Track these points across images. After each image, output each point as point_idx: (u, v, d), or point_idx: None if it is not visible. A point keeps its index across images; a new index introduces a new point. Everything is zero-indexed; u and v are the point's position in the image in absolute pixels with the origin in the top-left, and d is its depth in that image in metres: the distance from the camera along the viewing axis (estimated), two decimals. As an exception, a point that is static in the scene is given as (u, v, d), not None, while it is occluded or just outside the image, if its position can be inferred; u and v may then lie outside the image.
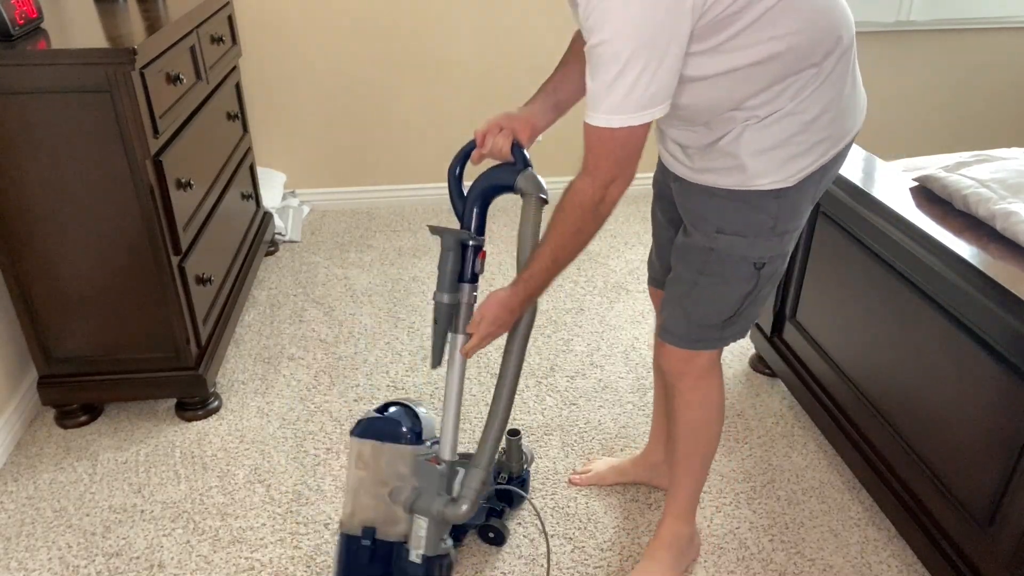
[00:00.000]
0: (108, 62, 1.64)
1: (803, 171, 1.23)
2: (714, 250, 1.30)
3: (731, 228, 1.28)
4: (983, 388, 1.40)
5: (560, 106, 1.42)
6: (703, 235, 1.31)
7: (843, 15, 1.20)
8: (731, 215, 1.27)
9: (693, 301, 1.35)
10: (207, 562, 1.64)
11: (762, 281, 1.32)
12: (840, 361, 1.85)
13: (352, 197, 3.25)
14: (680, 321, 1.38)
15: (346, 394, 2.14)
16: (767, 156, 1.21)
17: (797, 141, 1.21)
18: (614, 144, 1.14)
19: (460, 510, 1.43)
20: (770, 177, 1.22)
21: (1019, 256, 1.45)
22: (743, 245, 1.28)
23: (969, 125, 3.46)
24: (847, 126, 1.26)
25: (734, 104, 1.19)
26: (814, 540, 1.70)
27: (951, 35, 3.26)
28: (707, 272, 1.32)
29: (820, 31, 1.15)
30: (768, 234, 1.28)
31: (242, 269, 2.43)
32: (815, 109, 1.19)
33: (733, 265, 1.30)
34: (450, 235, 1.40)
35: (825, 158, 1.25)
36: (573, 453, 1.94)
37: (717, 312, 1.35)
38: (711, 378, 1.46)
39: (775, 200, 1.25)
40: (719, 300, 1.34)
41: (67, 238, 1.80)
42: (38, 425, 2.03)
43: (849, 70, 1.22)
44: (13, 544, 1.69)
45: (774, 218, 1.26)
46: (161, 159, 1.80)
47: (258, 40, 2.90)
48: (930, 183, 1.70)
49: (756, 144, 1.21)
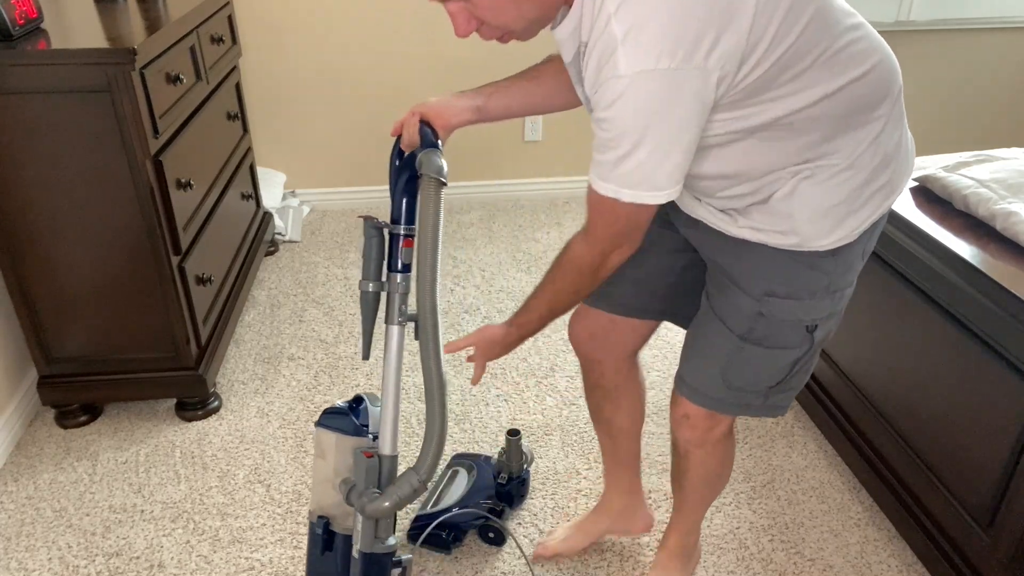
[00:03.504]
0: (108, 62, 1.64)
1: (862, 225, 1.12)
2: (763, 315, 1.16)
3: (784, 290, 1.14)
4: (983, 388, 1.40)
5: (510, 110, 1.30)
6: (750, 298, 1.16)
7: (891, 65, 1.09)
8: (783, 274, 1.14)
9: (737, 368, 1.21)
10: (207, 562, 1.64)
11: (816, 345, 1.20)
12: (840, 361, 1.85)
13: (352, 197, 3.25)
14: (717, 385, 1.24)
15: (346, 394, 2.14)
16: (825, 216, 1.09)
17: (856, 196, 1.09)
18: (618, 216, 1.04)
19: (376, 505, 1.28)
20: (832, 237, 1.10)
21: (1019, 256, 1.45)
22: (798, 308, 1.15)
23: (969, 125, 3.46)
24: (903, 171, 1.16)
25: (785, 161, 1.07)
26: (814, 540, 1.70)
27: (951, 35, 3.26)
28: (753, 338, 1.18)
29: (875, 78, 1.06)
30: (823, 293, 1.15)
31: (242, 269, 2.43)
32: (875, 160, 1.09)
33: (784, 330, 1.17)
34: (370, 223, 1.34)
35: (882, 209, 1.14)
36: (573, 453, 1.94)
37: (765, 379, 1.22)
38: (729, 440, 1.35)
39: (832, 258, 1.13)
40: (767, 367, 1.21)
41: (67, 238, 1.80)
42: (38, 425, 2.03)
43: (900, 119, 1.13)
44: (13, 544, 1.69)
45: (829, 277, 1.14)
46: (161, 159, 1.80)
47: (258, 40, 2.90)
48: (930, 183, 1.70)
49: (813, 203, 1.08)
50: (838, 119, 1.05)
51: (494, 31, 1.04)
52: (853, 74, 1.04)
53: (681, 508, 1.49)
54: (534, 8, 1.00)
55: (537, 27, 1.04)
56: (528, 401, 2.12)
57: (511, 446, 1.71)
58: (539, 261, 2.80)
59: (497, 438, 1.98)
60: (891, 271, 1.64)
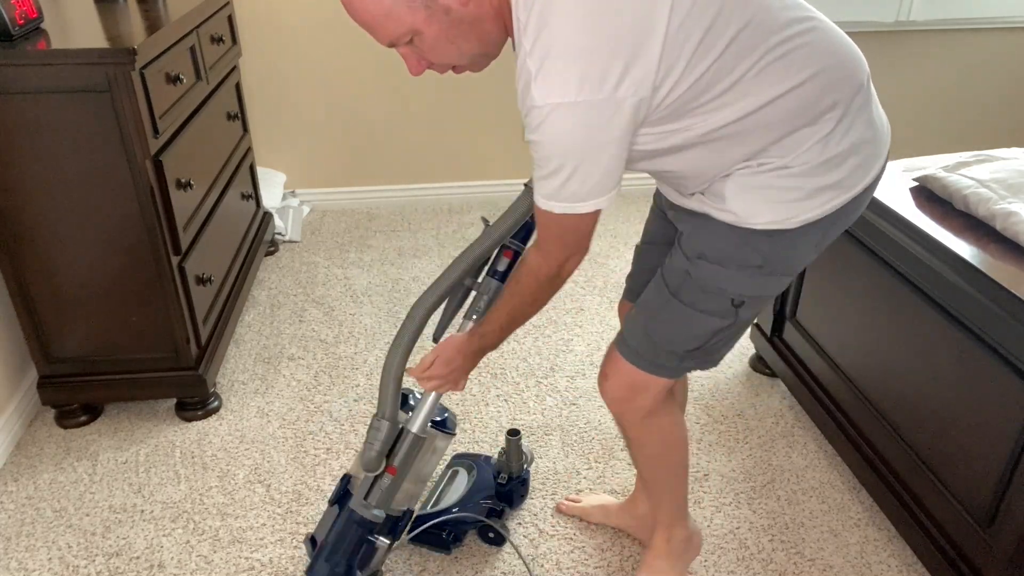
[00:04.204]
0: (108, 62, 1.64)
1: (804, 216, 1.14)
2: (691, 275, 1.21)
3: (714, 256, 1.19)
4: (983, 388, 1.40)
5: None
6: (684, 257, 1.23)
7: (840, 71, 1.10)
8: (718, 242, 1.19)
9: (660, 322, 1.27)
10: (207, 562, 1.64)
11: (739, 321, 1.24)
12: (840, 361, 1.85)
13: (352, 197, 3.25)
14: (640, 338, 1.29)
15: (346, 394, 2.14)
16: (756, 196, 1.13)
17: (794, 186, 1.12)
18: (560, 228, 1.12)
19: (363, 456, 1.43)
20: (766, 217, 1.14)
21: (1019, 256, 1.45)
22: (722, 277, 1.19)
23: (969, 125, 3.46)
24: (861, 172, 1.15)
25: (726, 166, 1.14)
26: (814, 540, 1.70)
27: (951, 35, 3.26)
28: (681, 297, 1.23)
29: (818, 85, 1.07)
30: (754, 272, 1.19)
31: (242, 269, 2.43)
32: (820, 159, 1.11)
33: (708, 296, 1.21)
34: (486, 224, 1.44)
35: (829, 207, 1.15)
36: (573, 453, 1.94)
37: (682, 340, 1.26)
38: (658, 416, 1.36)
39: (768, 239, 1.16)
40: (686, 329, 1.25)
41: (67, 238, 1.80)
42: (38, 425, 2.03)
43: (855, 120, 1.12)
44: (13, 544, 1.69)
45: (764, 257, 1.18)
46: (161, 159, 1.80)
47: (258, 40, 2.90)
48: (930, 183, 1.70)
49: (744, 183, 1.14)
50: (778, 125, 1.08)
51: (443, 67, 1.13)
52: (791, 83, 1.06)
53: (649, 490, 1.52)
54: (472, 45, 1.08)
55: (483, 60, 1.13)
56: (528, 401, 2.12)
57: (511, 446, 1.71)
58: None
59: (497, 438, 1.98)
60: (891, 271, 1.64)
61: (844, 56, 1.11)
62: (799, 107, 1.08)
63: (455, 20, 1.04)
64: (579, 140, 1.01)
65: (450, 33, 1.05)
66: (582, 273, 2.73)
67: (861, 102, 1.13)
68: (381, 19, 1.03)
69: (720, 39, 1.01)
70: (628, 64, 0.98)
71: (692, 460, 1.91)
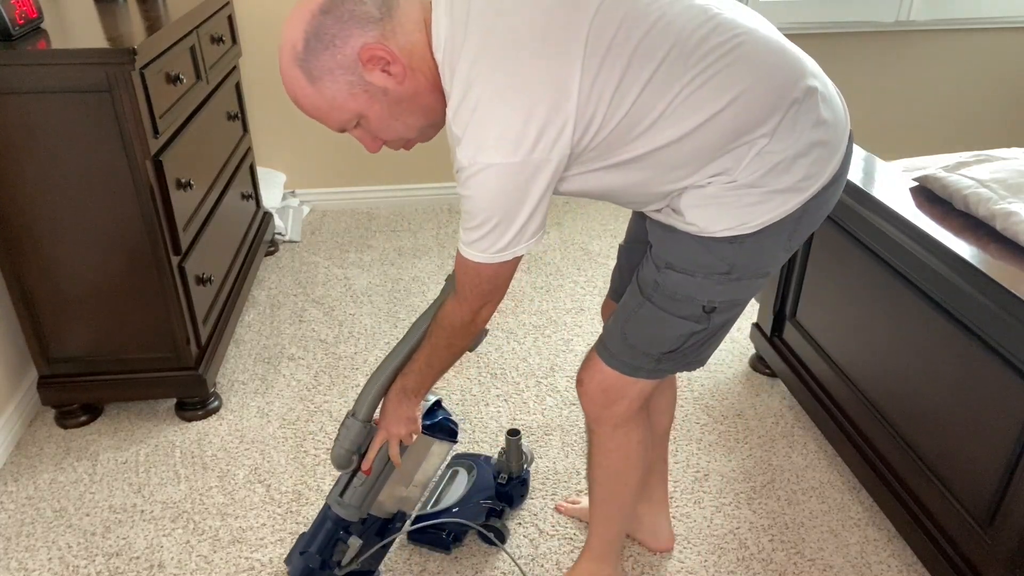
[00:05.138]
0: (108, 62, 1.64)
1: (761, 219, 1.14)
2: (659, 284, 1.22)
3: (680, 265, 1.20)
4: (983, 388, 1.40)
5: None
6: (654, 267, 1.24)
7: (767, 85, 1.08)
8: (683, 252, 1.20)
9: (634, 325, 1.27)
10: (207, 562, 1.65)
11: (713, 326, 1.24)
12: (840, 361, 1.85)
13: (352, 197, 3.25)
14: (617, 339, 1.30)
15: (346, 394, 2.14)
16: (711, 208, 1.14)
17: (744, 194, 1.12)
18: (479, 277, 1.15)
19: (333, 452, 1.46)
20: (722, 224, 1.14)
21: (1019, 256, 1.44)
22: (691, 285, 1.20)
23: (969, 125, 3.46)
24: (813, 171, 1.14)
25: (669, 189, 1.15)
26: (814, 540, 1.70)
27: (951, 35, 3.26)
28: (653, 302, 1.24)
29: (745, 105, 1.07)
30: (721, 278, 1.19)
31: (242, 269, 2.43)
32: (762, 170, 1.11)
33: (678, 303, 1.22)
34: None
35: (786, 208, 1.14)
36: (573, 453, 1.94)
37: (657, 342, 1.26)
38: (630, 428, 1.37)
39: (730, 246, 1.16)
40: (660, 332, 1.25)
41: (67, 238, 1.80)
42: (38, 425, 2.03)
43: (795, 124, 1.10)
44: (13, 544, 1.69)
45: (730, 264, 1.18)
46: (161, 159, 1.80)
47: (258, 40, 2.90)
48: (930, 183, 1.70)
49: (695, 199, 1.15)
50: (708, 149, 1.09)
51: (396, 143, 1.18)
52: (713, 108, 1.06)
53: (592, 512, 1.50)
54: (417, 119, 1.13)
55: (431, 131, 1.18)
56: (528, 401, 2.12)
57: (511, 446, 1.71)
58: (537, 261, 2.80)
59: (497, 438, 1.98)
60: (891, 271, 1.64)
61: (773, 69, 1.09)
62: (727, 130, 1.08)
63: (394, 99, 1.09)
64: (500, 198, 1.06)
65: (393, 111, 1.11)
66: (582, 273, 2.73)
67: (797, 110, 1.10)
68: (327, 110, 1.09)
69: (635, 83, 1.04)
70: (543, 127, 1.02)
71: (692, 460, 1.91)
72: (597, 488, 1.46)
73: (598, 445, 1.40)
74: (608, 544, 1.50)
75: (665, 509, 1.66)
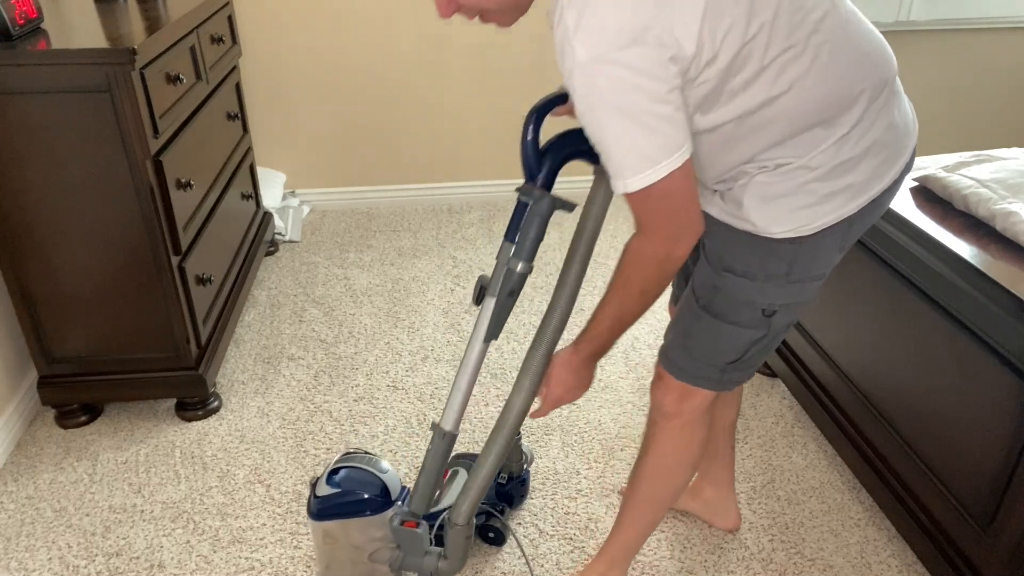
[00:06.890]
0: (108, 62, 1.64)
1: (821, 221, 1.13)
2: (719, 289, 1.20)
3: (740, 269, 1.18)
4: (983, 388, 1.40)
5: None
6: (711, 271, 1.21)
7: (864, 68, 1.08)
8: (743, 254, 1.17)
9: (696, 337, 1.25)
10: (207, 562, 1.65)
11: (773, 330, 1.22)
12: (840, 361, 1.85)
13: (352, 197, 3.25)
14: (680, 352, 1.28)
15: (346, 394, 2.14)
16: (773, 206, 1.12)
17: (809, 190, 1.11)
18: (654, 201, 1.05)
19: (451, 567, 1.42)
20: (783, 227, 1.13)
21: (1019, 256, 1.45)
22: (751, 289, 1.18)
23: (969, 125, 3.46)
24: (877, 174, 1.13)
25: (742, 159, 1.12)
26: (814, 540, 1.70)
27: (951, 35, 3.26)
28: (712, 310, 1.22)
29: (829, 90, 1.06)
30: (781, 280, 1.17)
31: (242, 269, 2.43)
32: (835, 161, 1.10)
33: (738, 308, 1.20)
34: (545, 200, 1.29)
35: (845, 210, 1.13)
36: (573, 453, 1.94)
37: (719, 353, 1.25)
38: (697, 428, 1.35)
39: (791, 246, 1.15)
40: (722, 341, 1.23)
41: (67, 238, 1.80)
42: (38, 425, 2.03)
43: (874, 121, 1.10)
44: (13, 544, 1.69)
45: (789, 264, 1.16)
46: (161, 159, 1.80)
47: (258, 40, 2.90)
48: (930, 183, 1.70)
49: (760, 192, 1.12)
50: (799, 119, 1.07)
51: (472, 11, 1.10)
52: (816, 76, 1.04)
53: (624, 508, 1.46)
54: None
55: (514, 13, 1.11)
56: (528, 401, 2.11)
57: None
58: (537, 261, 2.80)
59: (497, 438, 1.98)
60: (891, 271, 1.64)
61: (871, 51, 1.10)
62: (822, 100, 1.06)
63: None
64: (629, 92, 0.96)
65: None
66: (582, 273, 2.72)
67: (883, 102, 1.11)
68: None
69: (755, 21, 0.99)
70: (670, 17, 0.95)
71: (692, 460, 1.91)
72: (643, 485, 1.42)
73: (659, 442, 1.37)
74: (626, 550, 1.50)
75: (732, 492, 1.72)
